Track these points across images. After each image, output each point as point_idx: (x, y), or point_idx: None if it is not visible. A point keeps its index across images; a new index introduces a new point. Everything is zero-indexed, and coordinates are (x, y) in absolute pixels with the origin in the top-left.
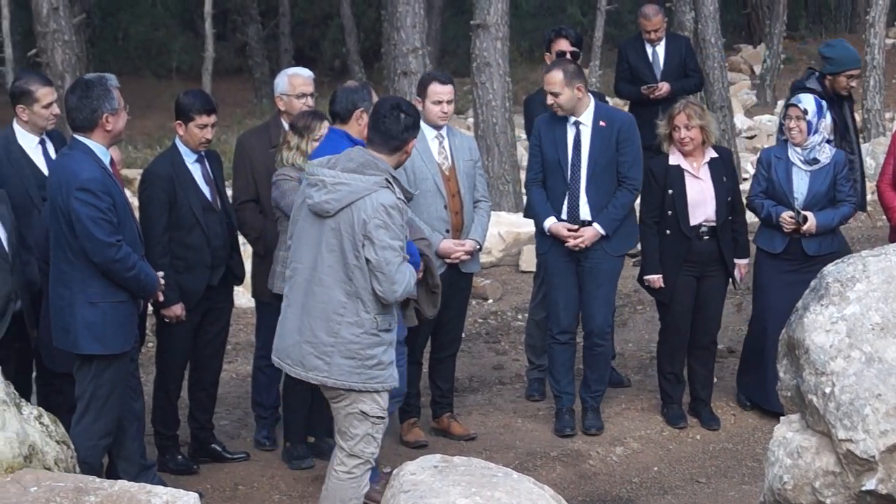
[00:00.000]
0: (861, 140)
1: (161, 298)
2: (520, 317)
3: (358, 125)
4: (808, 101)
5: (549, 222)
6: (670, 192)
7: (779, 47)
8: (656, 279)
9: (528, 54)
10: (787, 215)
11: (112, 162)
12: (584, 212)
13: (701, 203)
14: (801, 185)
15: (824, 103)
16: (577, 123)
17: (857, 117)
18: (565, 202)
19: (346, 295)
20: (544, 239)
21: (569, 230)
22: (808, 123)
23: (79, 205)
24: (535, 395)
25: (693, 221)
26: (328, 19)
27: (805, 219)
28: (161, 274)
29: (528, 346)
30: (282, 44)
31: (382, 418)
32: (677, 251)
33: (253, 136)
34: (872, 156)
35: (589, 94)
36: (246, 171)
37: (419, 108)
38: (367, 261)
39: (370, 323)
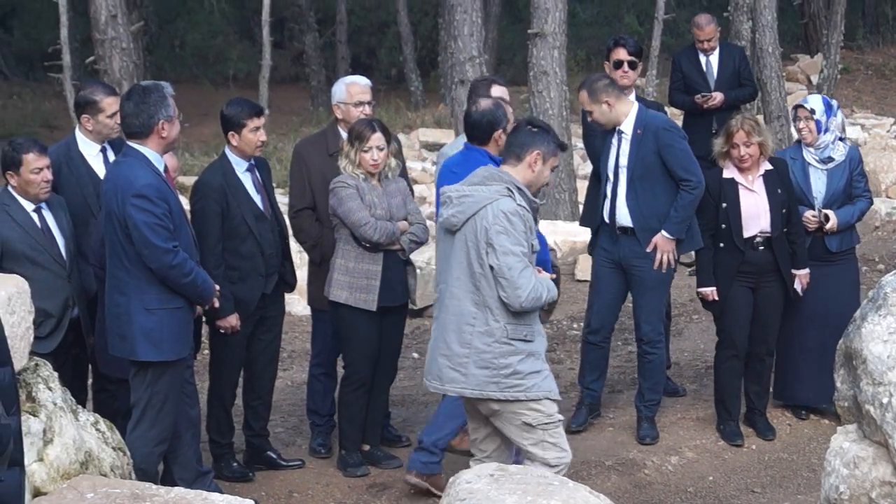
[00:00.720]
0: None
1: (217, 305)
2: (575, 326)
3: (497, 145)
4: (814, 100)
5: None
6: (724, 205)
7: (836, 57)
8: (709, 292)
9: (585, 63)
10: (809, 214)
11: (166, 169)
12: (625, 219)
13: (755, 216)
14: (819, 184)
15: (834, 102)
16: (619, 133)
17: None
18: (606, 208)
19: (474, 305)
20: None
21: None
22: (818, 123)
23: (135, 211)
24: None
25: (747, 234)
26: (385, 27)
27: (827, 217)
28: (218, 287)
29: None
30: (339, 52)
31: (552, 423)
32: (731, 264)
33: (309, 144)
34: None
35: (634, 101)
36: (303, 178)
37: None
38: (491, 268)
39: (500, 331)
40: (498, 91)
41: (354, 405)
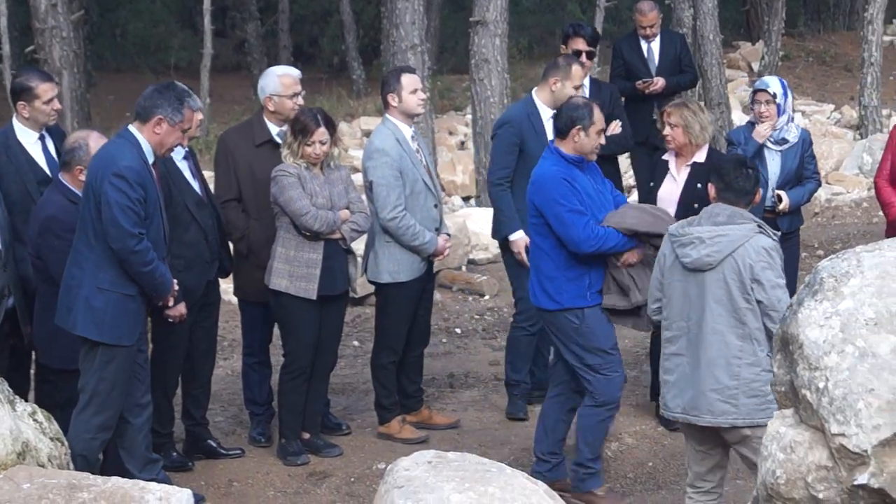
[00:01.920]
0: (858, 136)
1: (171, 303)
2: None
3: (574, 142)
4: (774, 84)
5: (521, 236)
6: (651, 184)
7: (777, 44)
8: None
9: (528, 51)
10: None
11: (155, 164)
12: None
13: (668, 204)
14: (773, 165)
15: (786, 82)
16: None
17: (854, 114)
18: None
19: (739, 338)
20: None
21: None
22: (778, 106)
23: (111, 189)
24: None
25: None
26: (327, 16)
27: (780, 198)
28: (175, 281)
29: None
30: (280, 40)
31: None
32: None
33: (236, 135)
34: (869, 152)
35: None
36: (229, 169)
37: (393, 102)
38: (759, 301)
39: (766, 361)
40: (408, 80)
41: (294, 394)
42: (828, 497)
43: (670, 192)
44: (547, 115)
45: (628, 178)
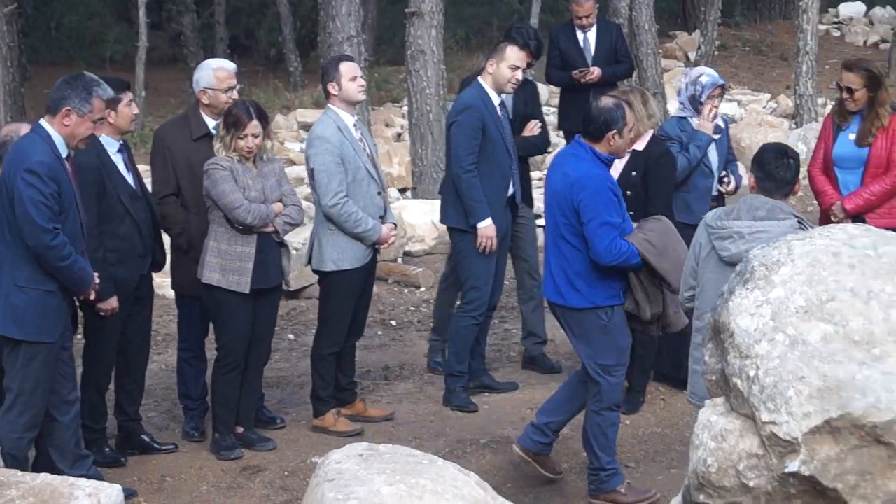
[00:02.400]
0: (794, 125)
1: (92, 297)
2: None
3: (609, 144)
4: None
5: (490, 223)
6: None
7: (713, 34)
8: None
9: (465, 42)
10: (725, 181)
11: (69, 157)
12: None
13: None
14: (713, 153)
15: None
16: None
17: (790, 102)
18: (512, 177)
19: None
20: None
21: None
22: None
23: (23, 185)
24: (439, 368)
25: None
26: (264, 8)
27: (728, 180)
28: (96, 274)
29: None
30: (217, 33)
31: None
32: None
33: (172, 129)
34: (804, 141)
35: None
36: (166, 164)
37: (333, 91)
38: None
39: None
40: (347, 68)
41: (227, 388)
42: (759, 485)
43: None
44: (496, 100)
45: None
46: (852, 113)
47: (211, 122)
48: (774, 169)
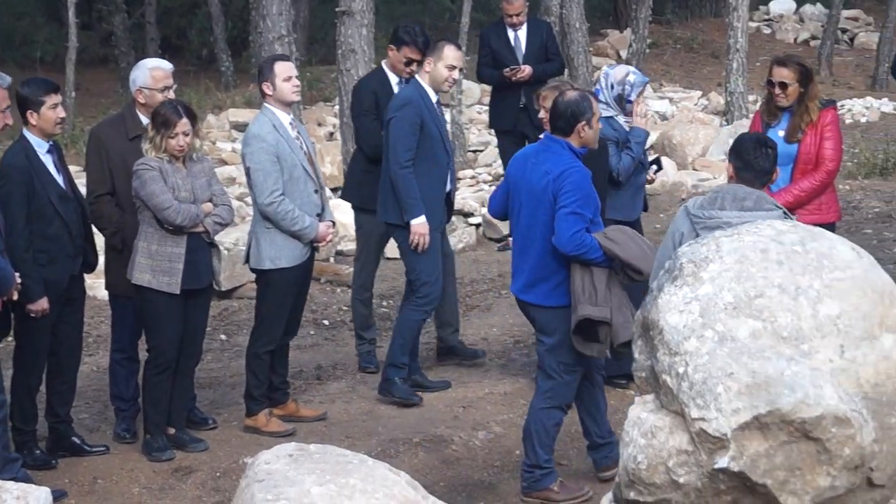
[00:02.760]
0: (725, 122)
1: (15, 297)
2: (384, 304)
3: (580, 136)
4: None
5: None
6: None
7: (644, 31)
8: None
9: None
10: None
11: None
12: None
13: None
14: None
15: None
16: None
17: (721, 99)
18: (449, 173)
19: None
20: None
21: None
22: None
23: None
24: (369, 367)
25: None
26: (195, 8)
27: (660, 165)
28: (18, 274)
29: (357, 323)
30: (148, 33)
31: None
32: None
33: (108, 128)
34: (735, 137)
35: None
36: (101, 163)
37: (268, 91)
38: None
39: None
40: (281, 68)
41: (158, 389)
42: (688, 481)
43: None
44: (434, 97)
45: (497, 166)
46: (781, 109)
47: (147, 122)
48: (754, 159)
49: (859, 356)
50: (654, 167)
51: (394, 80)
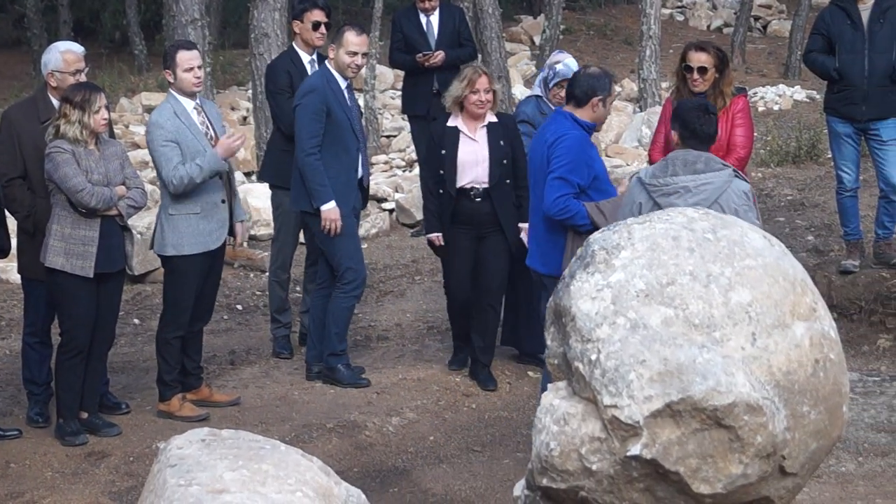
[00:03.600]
0: (638, 109)
1: None
2: (297, 289)
3: (592, 111)
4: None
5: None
6: (443, 152)
7: (558, 18)
8: (435, 237)
9: None
10: None
11: None
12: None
13: (472, 164)
14: None
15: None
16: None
17: (633, 86)
18: (360, 158)
19: None
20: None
21: None
22: None
23: None
24: (283, 353)
25: (461, 182)
26: None
27: None
28: None
29: (273, 306)
30: (61, 15)
31: None
32: (447, 211)
33: (20, 111)
34: (648, 125)
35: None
36: (13, 146)
37: (170, 79)
38: None
39: None
40: (183, 57)
41: (71, 373)
42: (601, 468)
43: (473, 151)
44: (343, 83)
45: (410, 151)
46: (695, 95)
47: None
48: (700, 126)
49: (771, 344)
50: None
51: (305, 58)
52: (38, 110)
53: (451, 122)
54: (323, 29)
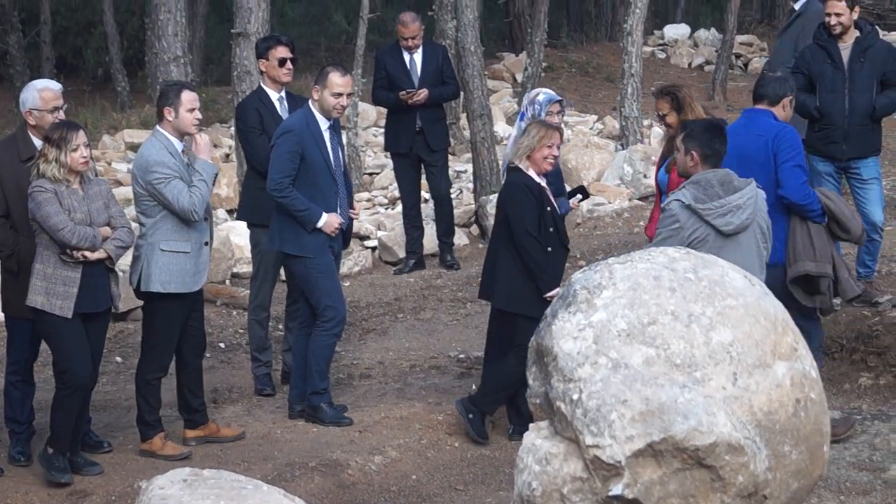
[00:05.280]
0: (620, 146)
1: None
2: (280, 326)
3: (783, 111)
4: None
5: (327, 217)
6: (549, 209)
7: (540, 55)
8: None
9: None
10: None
11: None
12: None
13: None
14: None
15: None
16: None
17: (615, 124)
18: (338, 200)
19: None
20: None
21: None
22: None
23: None
24: (266, 391)
25: None
26: (91, 27)
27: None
28: None
29: (253, 345)
30: (43, 52)
31: None
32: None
33: (1, 149)
34: (630, 163)
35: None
36: None
37: (169, 117)
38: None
39: None
40: (188, 97)
41: (69, 409)
42: None
43: None
44: (324, 124)
45: (392, 189)
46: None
47: (39, 143)
48: (719, 145)
49: (752, 384)
50: (579, 196)
51: (274, 95)
52: (18, 149)
53: (532, 176)
54: (289, 65)
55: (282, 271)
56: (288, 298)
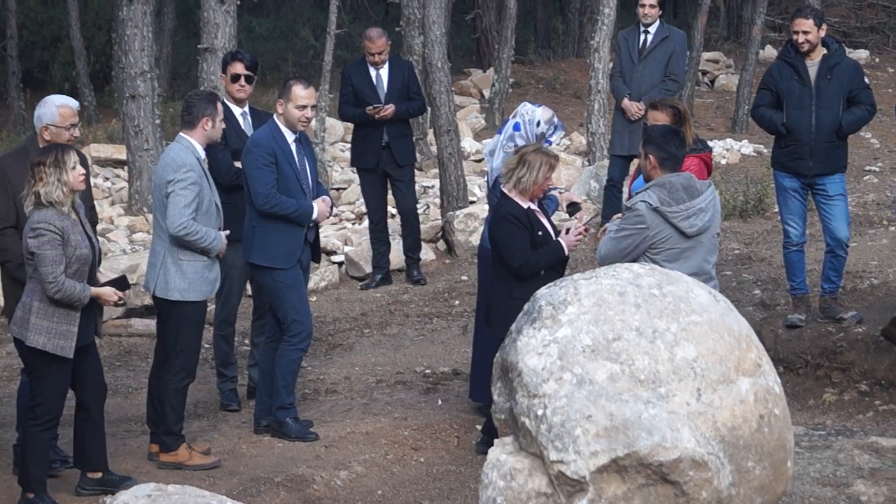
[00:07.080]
0: (587, 162)
1: None
2: (246, 341)
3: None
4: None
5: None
6: (540, 233)
7: (507, 71)
8: None
9: (260, 77)
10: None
11: None
12: None
13: None
14: None
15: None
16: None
17: (583, 140)
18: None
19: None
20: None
21: None
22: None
23: None
24: (231, 406)
25: None
26: (58, 42)
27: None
28: None
29: (218, 360)
30: (10, 66)
31: None
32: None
33: (12, 161)
34: (597, 178)
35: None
36: (6, 195)
37: (206, 127)
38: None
39: None
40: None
41: (44, 445)
42: None
43: None
44: (290, 137)
45: (360, 205)
46: None
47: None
48: (676, 149)
49: (716, 400)
50: (581, 215)
51: (237, 110)
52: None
53: (520, 203)
54: (243, 81)
55: (248, 286)
56: (254, 314)
